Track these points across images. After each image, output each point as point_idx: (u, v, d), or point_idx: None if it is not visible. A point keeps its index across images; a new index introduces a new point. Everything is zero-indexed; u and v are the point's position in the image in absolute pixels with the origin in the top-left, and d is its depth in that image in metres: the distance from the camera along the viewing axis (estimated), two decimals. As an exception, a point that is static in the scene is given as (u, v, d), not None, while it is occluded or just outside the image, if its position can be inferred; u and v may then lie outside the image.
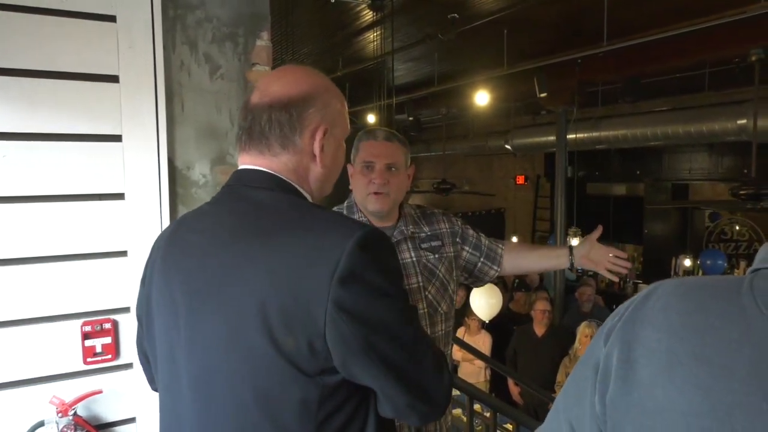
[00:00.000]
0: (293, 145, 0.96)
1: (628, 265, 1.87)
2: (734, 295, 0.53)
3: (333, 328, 0.81)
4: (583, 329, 4.79)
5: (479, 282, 1.93)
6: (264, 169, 0.97)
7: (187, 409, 0.95)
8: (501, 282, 6.96)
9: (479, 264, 1.86)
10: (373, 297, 0.85)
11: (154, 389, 1.13)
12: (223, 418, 0.90)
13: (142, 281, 1.10)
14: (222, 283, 0.89)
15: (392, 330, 0.87)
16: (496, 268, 1.88)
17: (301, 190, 0.99)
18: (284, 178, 0.97)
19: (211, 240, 0.94)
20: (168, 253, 1.01)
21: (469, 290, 5.14)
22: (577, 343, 4.80)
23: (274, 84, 0.99)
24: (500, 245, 1.91)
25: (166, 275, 0.99)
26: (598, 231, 1.85)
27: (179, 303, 0.95)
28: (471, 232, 1.87)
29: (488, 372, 5.51)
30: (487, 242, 1.88)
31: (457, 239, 1.82)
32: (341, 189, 1.55)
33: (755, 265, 0.56)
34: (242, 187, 0.98)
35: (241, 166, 1.00)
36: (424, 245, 1.73)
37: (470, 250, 1.85)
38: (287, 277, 0.84)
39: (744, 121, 5.99)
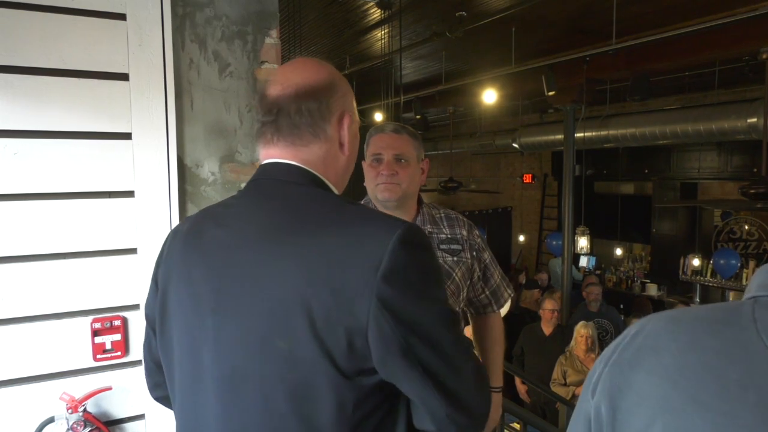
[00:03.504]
0: (324, 133, 0.95)
1: None
2: (734, 330, 0.48)
3: (375, 326, 0.78)
4: (579, 329, 4.77)
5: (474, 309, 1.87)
6: (292, 163, 0.94)
7: (210, 411, 0.90)
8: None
9: (482, 296, 1.82)
10: (415, 296, 0.82)
11: (155, 397, 1.11)
12: (252, 420, 0.86)
13: (154, 279, 1.04)
14: (253, 281, 0.86)
15: (431, 333, 0.83)
16: (495, 309, 1.84)
17: (329, 184, 0.96)
18: (313, 171, 0.94)
19: (238, 236, 0.90)
20: (189, 250, 0.96)
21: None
22: (573, 343, 4.78)
23: (293, 74, 0.95)
24: (508, 290, 1.86)
25: (188, 273, 0.94)
26: None
27: (204, 302, 0.90)
28: (488, 259, 1.80)
29: (495, 371, 5.49)
30: (499, 278, 1.82)
31: (473, 253, 1.75)
32: (357, 186, 1.53)
33: (754, 291, 0.51)
34: (270, 181, 0.95)
35: (266, 161, 0.97)
36: (443, 246, 1.69)
37: (479, 274, 1.78)
38: (327, 274, 0.80)
39: (754, 120, 5.95)
